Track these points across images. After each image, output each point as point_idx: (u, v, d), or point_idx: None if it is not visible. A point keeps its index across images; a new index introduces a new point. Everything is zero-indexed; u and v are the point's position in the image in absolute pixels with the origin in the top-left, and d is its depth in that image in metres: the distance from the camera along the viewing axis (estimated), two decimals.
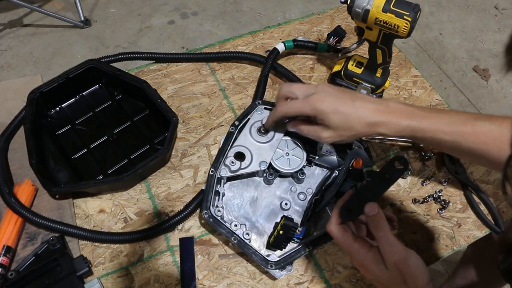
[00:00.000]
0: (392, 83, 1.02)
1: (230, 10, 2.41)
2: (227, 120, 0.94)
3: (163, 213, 0.81)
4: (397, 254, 0.54)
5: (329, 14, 1.16)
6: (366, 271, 0.57)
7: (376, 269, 0.55)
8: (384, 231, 0.55)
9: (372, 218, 0.56)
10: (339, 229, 0.59)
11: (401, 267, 0.53)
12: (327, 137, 0.68)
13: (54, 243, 0.72)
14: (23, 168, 0.84)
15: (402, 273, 0.53)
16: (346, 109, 0.66)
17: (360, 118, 0.65)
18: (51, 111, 0.91)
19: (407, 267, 0.53)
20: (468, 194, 0.86)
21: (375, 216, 0.56)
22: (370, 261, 0.56)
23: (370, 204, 0.57)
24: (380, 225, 0.56)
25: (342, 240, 0.58)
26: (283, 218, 0.72)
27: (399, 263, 0.53)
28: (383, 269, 0.55)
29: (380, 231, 0.55)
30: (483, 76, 2.22)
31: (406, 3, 0.78)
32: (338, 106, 0.66)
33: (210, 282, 0.74)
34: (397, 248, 0.54)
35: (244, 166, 0.77)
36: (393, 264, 0.54)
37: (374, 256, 0.56)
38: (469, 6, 2.54)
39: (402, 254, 0.54)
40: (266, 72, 0.96)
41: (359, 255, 0.57)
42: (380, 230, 0.55)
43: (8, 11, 2.32)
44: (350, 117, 0.66)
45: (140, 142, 0.89)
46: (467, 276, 1.14)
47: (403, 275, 0.54)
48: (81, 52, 2.17)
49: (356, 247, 0.57)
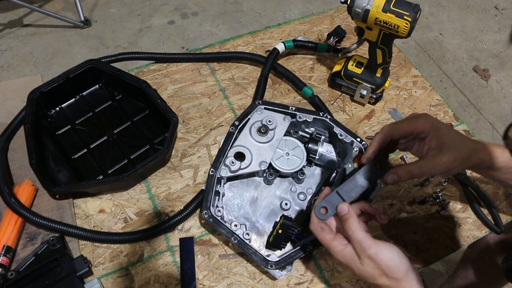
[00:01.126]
0: (392, 83, 1.02)
1: (230, 10, 2.41)
2: (227, 120, 0.94)
3: (163, 213, 0.81)
4: (367, 249, 0.56)
5: (329, 14, 1.16)
6: (346, 266, 0.59)
7: (353, 265, 0.57)
8: (353, 229, 0.57)
9: (343, 217, 0.59)
10: (317, 228, 0.61)
11: (374, 261, 0.55)
12: (444, 162, 0.60)
13: (54, 243, 0.72)
14: (23, 168, 0.84)
15: (377, 266, 0.55)
16: (452, 130, 0.63)
17: (465, 140, 0.62)
18: (51, 111, 0.91)
19: (380, 260, 0.55)
20: (468, 194, 0.86)
21: (345, 216, 0.59)
22: (346, 258, 0.58)
23: (342, 204, 0.60)
24: (348, 224, 0.58)
25: (321, 238, 0.61)
26: (282, 218, 0.72)
27: (371, 257, 0.55)
28: (359, 265, 0.57)
29: (349, 230, 0.58)
30: (483, 76, 2.22)
31: (406, 3, 0.78)
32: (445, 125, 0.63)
33: (210, 282, 0.74)
34: (367, 243, 0.56)
35: (244, 166, 0.77)
36: (367, 258, 0.56)
37: (350, 252, 0.58)
38: (469, 6, 2.54)
39: (372, 248, 0.56)
40: (266, 72, 0.96)
41: (336, 252, 0.59)
42: (349, 229, 0.58)
43: (8, 11, 2.31)
44: (458, 137, 0.62)
45: (140, 142, 0.89)
46: (467, 276, 1.14)
47: (379, 268, 0.55)
48: (81, 52, 2.17)
49: (334, 245, 0.59)
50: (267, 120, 0.80)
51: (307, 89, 0.96)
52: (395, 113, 0.98)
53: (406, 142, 0.67)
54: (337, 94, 1.00)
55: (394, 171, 0.62)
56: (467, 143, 0.62)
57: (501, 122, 2.07)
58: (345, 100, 0.99)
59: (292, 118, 0.84)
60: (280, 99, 0.98)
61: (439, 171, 0.60)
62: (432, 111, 0.98)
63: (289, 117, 0.83)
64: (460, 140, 0.62)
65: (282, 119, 0.83)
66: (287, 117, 0.83)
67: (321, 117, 0.84)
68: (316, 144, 0.82)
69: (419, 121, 0.62)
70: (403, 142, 0.67)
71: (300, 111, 0.84)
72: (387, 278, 0.55)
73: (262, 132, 0.79)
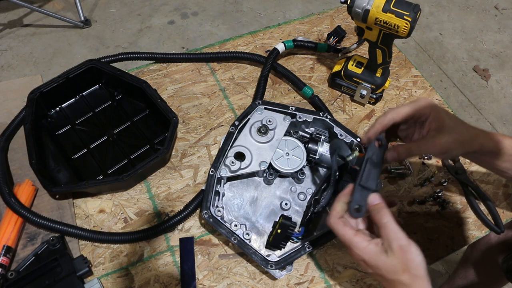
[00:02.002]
0: (392, 83, 1.02)
1: (230, 10, 2.41)
2: (227, 120, 0.94)
3: (163, 213, 0.81)
4: (401, 240, 0.55)
5: (329, 14, 1.16)
6: (366, 264, 0.58)
7: (377, 260, 0.56)
8: (388, 218, 0.57)
9: (375, 207, 0.59)
10: (339, 223, 0.59)
11: (404, 253, 0.55)
12: (445, 142, 0.61)
13: (54, 243, 0.72)
14: (23, 168, 0.84)
15: (404, 260, 0.54)
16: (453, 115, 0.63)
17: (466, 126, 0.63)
18: (51, 111, 0.91)
19: (410, 254, 0.55)
20: (468, 194, 0.86)
21: (378, 205, 0.58)
22: (371, 253, 0.56)
23: (373, 195, 0.60)
24: (383, 213, 0.57)
25: (342, 233, 0.59)
26: (281, 217, 0.72)
27: (403, 248, 0.55)
28: (385, 259, 0.55)
29: (384, 218, 0.57)
30: (483, 76, 2.22)
31: (406, 3, 0.78)
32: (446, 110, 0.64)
33: (210, 282, 0.74)
34: (401, 234, 0.56)
35: (244, 166, 0.77)
36: (398, 248, 0.55)
37: (375, 247, 0.56)
38: (469, 6, 2.54)
39: (405, 240, 0.55)
40: (266, 72, 0.96)
41: (359, 248, 0.57)
42: (384, 217, 0.57)
43: (8, 11, 2.31)
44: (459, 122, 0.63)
45: (140, 142, 0.89)
46: (467, 276, 1.14)
47: (405, 263, 0.54)
48: (81, 52, 2.17)
49: (357, 240, 0.57)
50: (267, 120, 0.80)
51: (307, 89, 0.96)
52: None
53: (407, 128, 0.67)
54: (337, 94, 1.00)
55: (394, 149, 0.63)
56: (468, 128, 0.63)
57: (501, 122, 2.07)
58: (345, 100, 0.99)
59: (292, 118, 0.84)
60: (280, 99, 0.98)
61: (438, 151, 0.61)
62: None
63: (289, 117, 0.83)
64: (461, 124, 0.63)
65: (282, 119, 0.83)
66: (287, 117, 0.83)
67: (321, 117, 0.84)
68: (316, 144, 0.82)
69: (420, 104, 0.63)
70: (404, 128, 0.68)
71: (300, 111, 0.84)
72: (409, 274, 0.54)
73: (262, 132, 0.79)
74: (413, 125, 0.66)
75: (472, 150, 0.63)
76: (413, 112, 0.63)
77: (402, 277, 0.55)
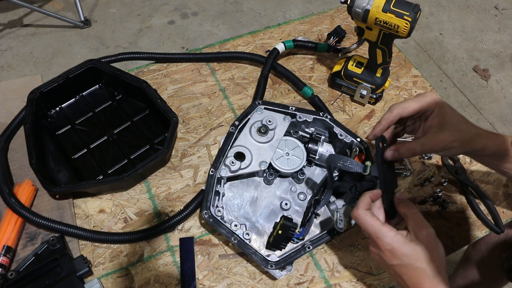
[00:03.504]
0: (392, 83, 1.02)
1: (230, 10, 2.41)
2: (227, 120, 0.94)
3: (163, 213, 0.81)
4: (429, 228, 0.59)
5: (329, 14, 1.16)
6: (393, 253, 0.58)
7: (405, 248, 0.57)
8: (416, 209, 0.61)
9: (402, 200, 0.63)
10: (367, 214, 0.61)
11: (432, 241, 0.57)
12: (444, 140, 0.62)
13: (54, 243, 0.72)
14: (23, 168, 0.84)
15: (431, 248, 0.57)
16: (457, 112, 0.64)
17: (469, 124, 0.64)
18: (51, 111, 0.91)
19: (436, 242, 0.58)
20: (468, 194, 0.86)
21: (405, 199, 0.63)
22: (399, 242, 0.58)
23: (400, 193, 0.64)
24: (411, 205, 0.62)
25: (371, 223, 0.60)
26: (282, 218, 0.72)
27: (430, 236, 0.58)
28: (414, 246, 0.57)
29: (413, 208, 0.61)
30: (483, 76, 2.22)
31: (406, 3, 0.78)
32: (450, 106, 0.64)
33: (210, 282, 0.74)
34: (427, 223, 0.59)
35: (244, 166, 0.77)
36: (426, 236, 0.57)
37: (402, 237, 0.58)
38: (469, 6, 2.54)
39: (431, 229, 0.59)
40: (266, 72, 0.96)
41: (389, 236, 0.59)
42: (413, 208, 0.61)
43: (8, 11, 2.31)
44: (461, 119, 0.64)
45: (140, 142, 0.89)
46: (467, 276, 1.14)
47: (430, 251, 0.56)
48: (81, 52, 2.17)
49: (385, 230, 0.59)
50: (267, 120, 0.80)
51: (307, 89, 0.96)
52: None
53: (413, 123, 0.68)
54: (337, 94, 1.00)
55: (395, 148, 0.63)
56: (470, 127, 0.63)
57: (501, 122, 2.07)
58: (345, 100, 0.99)
59: (292, 118, 0.84)
60: (280, 99, 0.98)
61: (439, 148, 0.62)
62: None
63: (289, 117, 0.83)
64: (464, 122, 0.63)
65: (282, 119, 0.83)
66: (287, 117, 0.83)
67: (321, 117, 0.84)
68: (316, 144, 0.82)
69: (426, 98, 0.64)
70: (410, 124, 0.68)
71: (300, 111, 0.84)
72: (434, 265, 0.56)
73: (262, 132, 0.79)
74: (418, 119, 0.67)
75: (472, 150, 0.63)
76: (419, 107, 0.64)
77: (428, 267, 0.56)
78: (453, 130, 0.62)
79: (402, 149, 0.63)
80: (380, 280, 0.76)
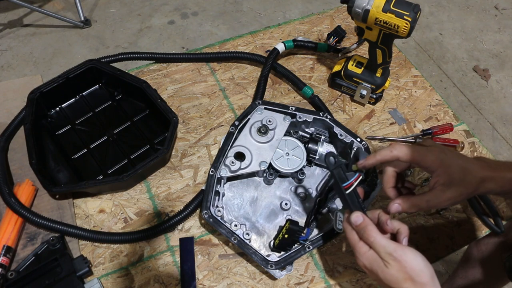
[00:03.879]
0: (392, 83, 1.02)
1: (230, 10, 2.41)
2: (227, 120, 0.94)
3: (163, 213, 0.81)
4: (392, 252, 0.55)
5: (329, 14, 1.16)
6: (369, 271, 0.58)
7: (377, 267, 0.56)
8: (374, 235, 0.57)
9: (359, 227, 0.59)
10: (347, 226, 0.60)
11: (400, 263, 0.54)
12: (450, 197, 0.60)
13: (54, 243, 0.72)
14: (23, 168, 0.84)
15: (404, 270, 0.54)
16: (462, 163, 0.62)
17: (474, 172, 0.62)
18: (51, 111, 0.91)
19: (405, 262, 0.54)
20: None
21: (361, 224, 0.58)
22: (370, 259, 0.57)
23: (355, 215, 0.59)
24: (368, 231, 0.58)
25: (349, 237, 0.60)
26: (287, 222, 0.71)
27: (396, 259, 0.55)
28: (384, 268, 0.55)
29: (370, 237, 0.57)
30: (483, 76, 2.22)
31: (406, 3, 0.78)
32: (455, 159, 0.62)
33: (210, 282, 0.74)
34: (391, 246, 0.56)
35: (244, 166, 0.77)
36: (392, 261, 0.55)
37: (374, 255, 0.56)
38: (469, 6, 2.54)
39: (398, 251, 0.55)
40: (266, 72, 0.96)
41: (360, 252, 0.58)
42: (370, 236, 0.57)
43: (8, 11, 2.31)
44: (467, 171, 0.61)
45: (140, 142, 0.89)
46: (467, 276, 1.13)
47: (405, 272, 0.54)
48: (81, 52, 2.17)
49: (359, 246, 0.58)
50: (267, 120, 0.80)
51: (307, 89, 0.96)
52: (395, 113, 0.98)
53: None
54: (337, 94, 1.00)
55: (399, 202, 0.62)
56: (475, 175, 0.61)
57: (501, 122, 2.06)
58: (345, 100, 0.99)
59: (292, 118, 0.84)
60: (280, 99, 0.98)
61: (445, 205, 0.63)
62: (432, 111, 0.98)
63: (289, 117, 0.83)
64: (469, 173, 0.61)
65: (282, 119, 0.83)
66: (287, 117, 0.83)
67: (321, 117, 0.84)
68: (316, 144, 0.82)
69: (429, 157, 0.61)
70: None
71: (300, 111, 0.84)
72: (412, 282, 0.54)
73: (262, 132, 0.79)
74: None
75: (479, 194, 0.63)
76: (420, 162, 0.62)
77: (405, 285, 0.54)
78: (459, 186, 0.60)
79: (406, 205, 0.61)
80: None
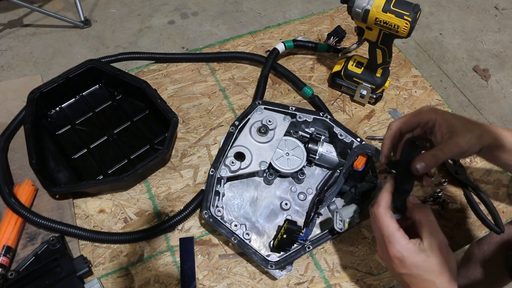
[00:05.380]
0: (392, 83, 1.02)
1: (230, 10, 2.41)
2: (227, 120, 0.94)
3: (163, 213, 0.81)
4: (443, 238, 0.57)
5: (329, 14, 1.16)
6: (402, 262, 0.57)
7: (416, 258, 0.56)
8: (432, 216, 0.58)
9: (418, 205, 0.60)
10: (387, 214, 0.59)
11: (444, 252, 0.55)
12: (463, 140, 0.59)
13: (54, 243, 0.72)
14: (23, 168, 0.84)
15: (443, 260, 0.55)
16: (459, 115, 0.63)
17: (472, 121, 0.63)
18: (51, 111, 0.91)
19: (449, 254, 0.55)
20: (468, 194, 0.86)
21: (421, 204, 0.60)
22: (410, 251, 0.56)
23: (413, 197, 0.61)
24: (428, 211, 0.59)
25: (387, 224, 0.58)
26: (286, 222, 0.71)
27: (443, 247, 0.55)
28: (424, 257, 0.55)
29: (430, 215, 0.58)
30: (483, 76, 2.22)
31: (406, 3, 0.78)
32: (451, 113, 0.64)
33: (210, 282, 0.74)
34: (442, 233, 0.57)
35: (244, 166, 0.77)
36: (437, 247, 0.55)
37: (414, 246, 0.56)
38: (469, 6, 2.54)
39: (445, 239, 0.57)
40: (266, 72, 0.96)
41: (400, 243, 0.57)
42: (430, 215, 0.58)
43: (8, 11, 2.31)
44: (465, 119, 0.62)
45: (140, 142, 0.89)
46: (468, 275, 1.14)
47: (443, 263, 0.55)
48: (81, 52, 2.17)
49: (399, 235, 0.57)
50: (267, 120, 0.80)
51: (307, 89, 0.96)
52: (395, 113, 0.98)
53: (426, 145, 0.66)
54: (337, 94, 1.00)
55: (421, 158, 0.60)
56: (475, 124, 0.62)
57: (501, 122, 2.06)
58: (345, 100, 0.99)
59: (292, 118, 0.84)
60: (280, 99, 0.98)
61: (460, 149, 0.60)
62: None
63: (289, 117, 0.83)
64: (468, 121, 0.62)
65: (282, 119, 0.83)
66: (287, 117, 0.83)
67: (321, 117, 0.84)
68: (316, 144, 0.82)
69: (423, 110, 0.63)
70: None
71: (300, 111, 0.84)
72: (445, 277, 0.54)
73: (262, 132, 0.79)
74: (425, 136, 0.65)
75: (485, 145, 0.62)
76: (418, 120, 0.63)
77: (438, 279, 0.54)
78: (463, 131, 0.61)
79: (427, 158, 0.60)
80: (380, 280, 0.76)
